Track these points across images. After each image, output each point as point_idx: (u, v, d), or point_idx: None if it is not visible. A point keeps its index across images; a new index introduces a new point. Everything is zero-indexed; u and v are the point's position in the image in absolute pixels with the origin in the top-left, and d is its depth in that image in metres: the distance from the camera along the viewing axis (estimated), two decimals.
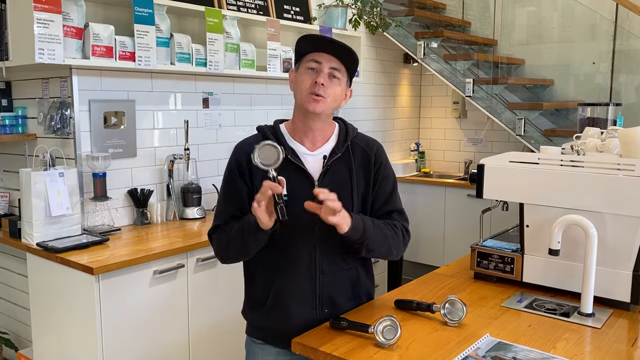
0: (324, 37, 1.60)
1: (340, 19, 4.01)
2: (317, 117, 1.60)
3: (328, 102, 1.58)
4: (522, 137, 4.01)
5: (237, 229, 1.57)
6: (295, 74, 1.63)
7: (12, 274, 3.05)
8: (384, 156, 1.73)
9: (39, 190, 2.50)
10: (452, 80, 4.33)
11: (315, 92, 1.55)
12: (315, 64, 1.57)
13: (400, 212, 1.73)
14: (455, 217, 4.58)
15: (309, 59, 1.58)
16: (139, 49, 2.72)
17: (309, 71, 1.58)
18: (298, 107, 1.63)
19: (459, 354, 1.40)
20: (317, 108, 1.57)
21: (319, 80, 1.55)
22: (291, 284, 1.62)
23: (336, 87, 1.59)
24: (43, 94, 2.84)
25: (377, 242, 1.60)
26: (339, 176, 1.63)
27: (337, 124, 1.72)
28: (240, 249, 1.58)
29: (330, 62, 1.57)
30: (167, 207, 3.11)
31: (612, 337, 1.54)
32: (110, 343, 2.33)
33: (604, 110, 2.87)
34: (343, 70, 1.59)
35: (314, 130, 1.63)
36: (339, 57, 1.58)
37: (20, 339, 3.05)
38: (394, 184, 1.74)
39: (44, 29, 2.38)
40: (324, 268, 1.62)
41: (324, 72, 1.56)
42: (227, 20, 3.17)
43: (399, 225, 1.69)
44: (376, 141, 1.76)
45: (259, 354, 1.70)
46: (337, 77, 1.58)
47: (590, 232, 1.63)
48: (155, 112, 3.10)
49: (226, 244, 1.61)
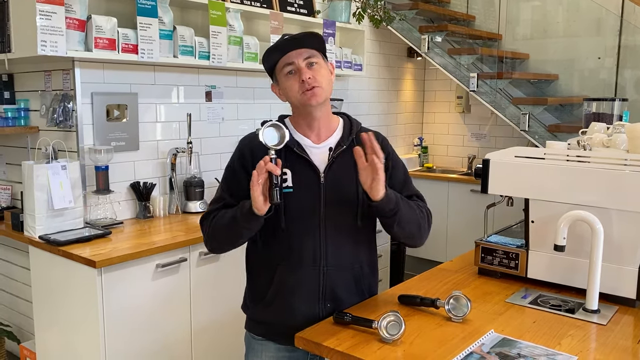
0: (283, 40, 1.58)
1: (343, 13, 3.99)
2: (318, 106, 1.59)
3: (324, 87, 1.58)
4: (527, 132, 3.99)
5: (231, 214, 1.55)
6: (278, 86, 1.63)
7: (14, 267, 3.05)
8: (390, 147, 1.73)
9: (41, 183, 2.49)
10: (456, 75, 4.30)
11: (307, 88, 1.55)
12: (290, 67, 1.57)
13: (419, 197, 1.73)
14: (459, 212, 4.56)
15: (282, 66, 1.58)
16: (142, 42, 2.71)
17: (289, 76, 1.58)
18: (296, 107, 1.63)
19: (464, 349, 1.39)
20: (318, 99, 1.57)
21: (304, 76, 1.55)
22: (294, 277, 1.60)
23: (321, 70, 1.59)
24: (45, 87, 2.83)
25: (409, 218, 1.59)
26: (345, 168, 1.61)
27: (341, 118, 1.71)
28: (231, 235, 1.57)
29: (301, 55, 1.57)
30: (169, 200, 3.11)
31: (618, 333, 1.53)
32: (113, 336, 2.33)
33: (609, 105, 2.85)
34: (316, 53, 1.59)
35: (318, 119, 1.62)
36: (305, 46, 1.57)
37: (23, 332, 3.05)
38: (405, 171, 1.74)
39: (46, 21, 2.37)
40: (329, 261, 1.61)
41: (302, 67, 1.56)
42: (230, 13, 3.15)
43: (424, 208, 1.70)
44: (380, 134, 1.75)
45: (259, 349, 1.69)
46: (315, 62, 1.58)
47: (596, 228, 1.62)
48: (158, 105, 3.09)
49: (219, 229, 1.59)
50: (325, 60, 1.63)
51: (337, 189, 1.61)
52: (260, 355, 1.68)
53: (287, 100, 1.63)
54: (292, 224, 1.58)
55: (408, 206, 1.61)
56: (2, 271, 3.16)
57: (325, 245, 1.60)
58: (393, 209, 1.53)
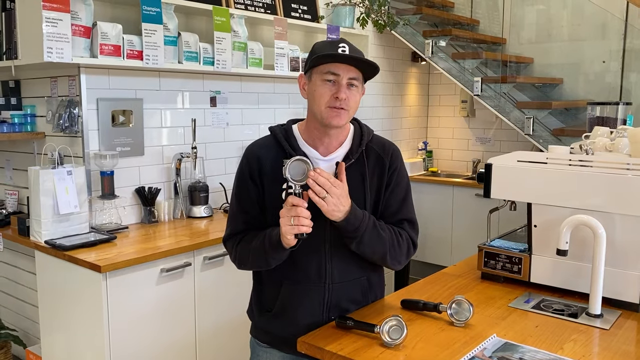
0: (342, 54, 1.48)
1: (347, 18, 4.01)
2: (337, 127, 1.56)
3: (350, 112, 1.53)
4: (531, 136, 3.99)
5: (259, 243, 1.53)
6: (309, 82, 1.55)
7: (21, 272, 3.07)
8: (399, 161, 1.67)
9: (47, 188, 2.51)
10: (460, 79, 4.31)
11: (337, 106, 1.49)
12: (332, 76, 1.49)
13: (411, 222, 1.67)
14: (463, 216, 4.56)
15: (325, 70, 1.50)
16: (147, 48, 2.73)
17: (326, 83, 1.50)
18: (314, 117, 1.55)
19: (466, 354, 1.40)
20: (340, 122, 1.52)
21: (341, 95, 1.48)
22: (300, 293, 1.59)
23: (356, 95, 1.53)
24: (52, 93, 2.85)
25: (372, 245, 1.55)
26: (352, 182, 1.56)
27: (352, 125, 1.66)
28: (261, 263, 1.56)
29: (349, 73, 1.49)
30: (174, 205, 3.12)
31: (621, 338, 1.52)
32: (117, 341, 2.34)
33: (613, 109, 2.85)
34: (360, 76, 1.53)
35: (330, 137, 1.58)
36: (359, 67, 1.51)
37: (29, 336, 3.07)
38: (407, 190, 1.68)
39: (52, 28, 2.39)
40: (335, 277, 1.59)
41: (343, 84, 1.49)
42: (234, 19, 3.17)
43: (406, 236, 1.64)
44: (392, 144, 1.70)
45: (263, 357, 1.69)
46: (355, 85, 1.52)
47: (598, 233, 1.62)
48: (163, 111, 3.11)
49: (246, 256, 1.58)
50: (363, 84, 1.57)
51: None
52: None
53: (308, 102, 1.57)
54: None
55: (377, 235, 1.55)
56: (9, 276, 3.19)
57: (331, 262, 1.59)
58: (353, 232, 1.51)
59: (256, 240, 1.55)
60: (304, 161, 1.43)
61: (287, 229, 1.42)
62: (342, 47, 1.49)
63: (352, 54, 1.49)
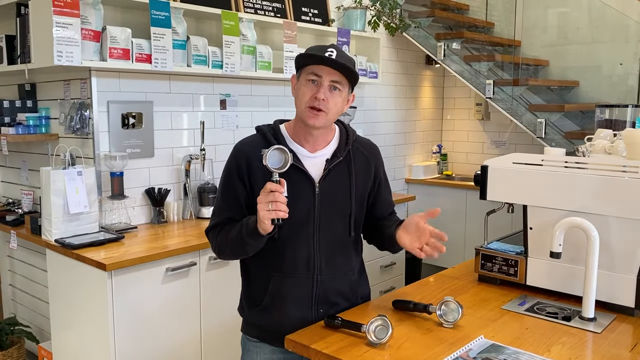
0: (326, 57, 1.53)
1: (359, 21, 4.02)
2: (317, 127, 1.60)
3: (329, 115, 1.57)
4: (543, 139, 3.95)
5: (236, 232, 1.58)
6: (297, 82, 1.62)
7: (35, 269, 3.15)
8: (381, 160, 1.80)
9: (58, 188, 2.58)
10: (472, 82, 4.28)
11: (315, 106, 1.54)
12: (315, 77, 1.55)
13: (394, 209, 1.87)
14: (477, 220, 4.52)
15: (309, 70, 1.56)
16: (155, 52, 2.78)
17: (309, 83, 1.56)
18: (298, 115, 1.63)
19: (450, 354, 1.40)
20: (317, 122, 1.56)
21: (319, 95, 1.53)
22: (289, 285, 1.63)
23: (337, 98, 1.57)
24: (64, 95, 2.93)
25: None
26: (339, 179, 1.65)
27: (337, 127, 1.73)
28: (239, 251, 1.61)
29: (331, 76, 1.54)
30: (183, 206, 3.17)
31: (612, 341, 1.51)
32: (123, 339, 2.39)
33: (623, 112, 2.81)
34: (344, 81, 1.57)
35: (314, 136, 1.64)
36: (341, 71, 1.55)
37: (43, 332, 3.15)
38: (388, 185, 1.84)
39: (62, 32, 2.46)
40: (323, 269, 1.64)
41: (324, 85, 1.54)
42: (243, 23, 3.21)
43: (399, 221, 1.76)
44: (374, 145, 1.81)
45: (254, 351, 1.72)
46: (338, 88, 1.56)
47: (591, 235, 1.60)
48: (173, 113, 3.17)
49: (225, 245, 1.63)
50: (349, 89, 1.61)
51: (331, 199, 1.64)
52: (255, 357, 1.72)
53: (294, 100, 1.63)
54: (286, 233, 1.60)
55: None
56: (23, 273, 3.28)
57: (319, 254, 1.63)
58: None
59: (234, 230, 1.60)
60: (283, 150, 1.48)
61: (264, 214, 1.45)
62: (330, 51, 1.55)
63: (339, 59, 1.53)
